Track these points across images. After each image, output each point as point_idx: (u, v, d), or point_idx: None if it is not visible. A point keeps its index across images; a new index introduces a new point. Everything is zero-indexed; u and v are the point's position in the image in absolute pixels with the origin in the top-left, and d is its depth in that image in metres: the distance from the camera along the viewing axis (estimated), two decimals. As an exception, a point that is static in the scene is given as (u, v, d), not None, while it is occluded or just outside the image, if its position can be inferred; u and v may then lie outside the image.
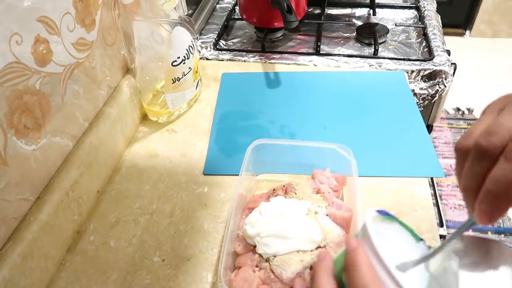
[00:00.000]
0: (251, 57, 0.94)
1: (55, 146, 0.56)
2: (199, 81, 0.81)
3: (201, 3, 1.08)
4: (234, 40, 1.03)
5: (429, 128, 0.99)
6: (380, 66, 0.89)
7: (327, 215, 0.53)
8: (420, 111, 0.78)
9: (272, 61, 0.92)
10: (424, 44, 0.96)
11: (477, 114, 2.04)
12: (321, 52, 0.94)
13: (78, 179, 0.58)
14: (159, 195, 0.64)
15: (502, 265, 0.32)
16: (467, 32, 2.50)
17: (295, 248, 0.48)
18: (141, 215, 0.61)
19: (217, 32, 1.03)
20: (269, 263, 0.48)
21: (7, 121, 0.47)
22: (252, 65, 0.92)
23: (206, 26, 1.06)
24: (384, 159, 0.67)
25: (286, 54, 0.94)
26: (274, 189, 0.57)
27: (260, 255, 0.49)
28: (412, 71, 0.88)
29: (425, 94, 0.90)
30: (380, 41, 0.96)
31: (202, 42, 0.99)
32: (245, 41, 1.03)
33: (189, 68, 0.74)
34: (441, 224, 0.77)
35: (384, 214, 0.34)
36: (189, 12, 1.00)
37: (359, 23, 1.05)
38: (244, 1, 0.97)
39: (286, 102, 0.80)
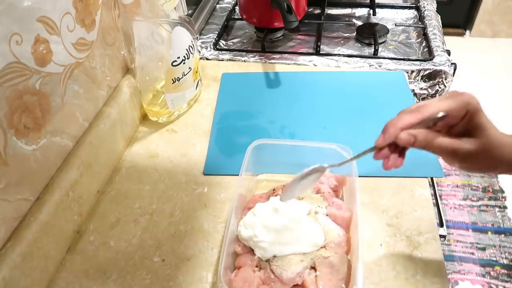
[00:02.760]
0: (251, 57, 0.94)
1: (55, 146, 0.56)
2: (199, 81, 0.81)
3: (201, 3, 1.08)
4: (234, 40, 1.03)
5: (429, 128, 0.98)
6: (380, 66, 0.89)
7: (327, 215, 0.53)
8: (420, 111, 0.78)
9: (272, 61, 0.92)
10: (424, 44, 0.96)
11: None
12: (321, 52, 0.94)
13: (78, 179, 0.58)
14: (159, 195, 0.64)
15: None
16: (467, 32, 2.49)
17: (298, 251, 0.48)
18: (141, 215, 0.61)
19: (217, 32, 1.03)
20: (269, 263, 0.48)
21: (7, 121, 0.47)
22: (252, 65, 0.92)
23: (206, 26, 1.06)
24: (384, 159, 0.67)
25: (286, 54, 0.94)
26: (274, 189, 0.57)
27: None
28: (412, 71, 0.88)
29: (425, 94, 0.90)
30: (380, 41, 0.96)
31: (202, 42, 0.99)
32: (245, 41, 1.03)
33: (189, 68, 0.74)
34: (441, 224, 0.77)
35: None
36: (189, 12, 1.00)
37: (359, 23, 1.05)
38: (244, 1, 0.97)
39: (286, 102, 0.80)
